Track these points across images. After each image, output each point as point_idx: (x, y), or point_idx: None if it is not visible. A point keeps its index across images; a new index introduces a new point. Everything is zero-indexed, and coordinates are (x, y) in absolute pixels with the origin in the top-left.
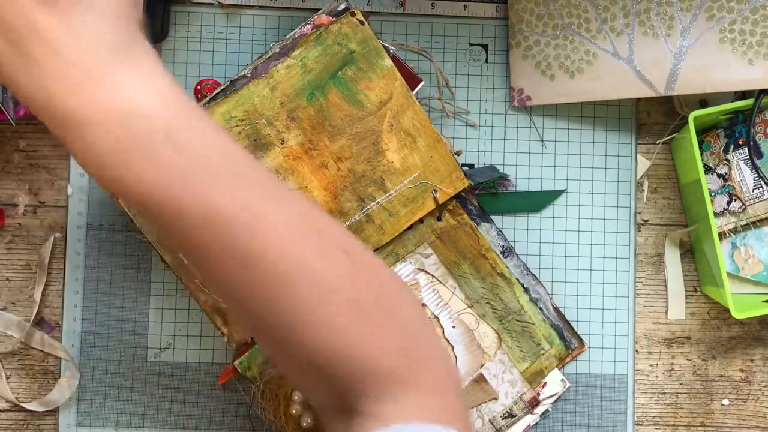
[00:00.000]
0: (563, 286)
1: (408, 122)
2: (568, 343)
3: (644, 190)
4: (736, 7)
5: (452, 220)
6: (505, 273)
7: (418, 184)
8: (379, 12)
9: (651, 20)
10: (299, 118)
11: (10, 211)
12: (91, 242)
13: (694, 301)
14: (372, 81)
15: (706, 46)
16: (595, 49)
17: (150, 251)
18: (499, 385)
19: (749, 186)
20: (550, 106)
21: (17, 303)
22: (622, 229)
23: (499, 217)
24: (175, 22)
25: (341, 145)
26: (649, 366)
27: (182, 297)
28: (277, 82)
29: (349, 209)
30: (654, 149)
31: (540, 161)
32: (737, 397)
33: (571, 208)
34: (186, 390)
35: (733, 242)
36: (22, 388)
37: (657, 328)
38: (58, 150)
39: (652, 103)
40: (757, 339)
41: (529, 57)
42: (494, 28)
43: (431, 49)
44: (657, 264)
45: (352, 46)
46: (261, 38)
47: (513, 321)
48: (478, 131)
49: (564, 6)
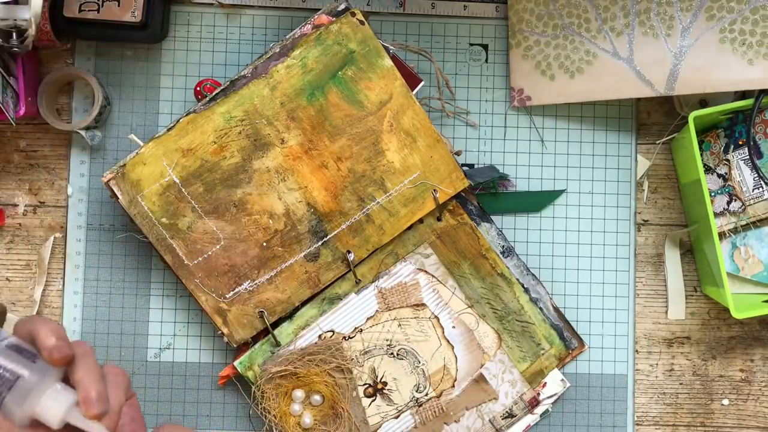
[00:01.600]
0: (563, 286)
1: (408, 122)
2: (568, 343)
3: (644, 190)
4: (736, 7)
5: (452, 220)
6: (505, 273)
7: (418, 184)
8: (379, 12)
9: (651, 20)
10: (299, 118)
11: (10, 211)
12: (91, 242)
13: (694, 301)
14: (372, 81)
15: (706, 46)
16: (595, 49)
17: (150, 251)
18: (499, 385)
19: (749, 186)
20: (550, 106)
21: (17, 303)
22: (622, 229)
23: (499, 217)
24: (175, 22)
25: (341, 145)
26: (649, 366)
27: (182, 297)
28: (277, 82)
29: (349, 209)
30: (654, 149)
31: (540, 161)
32: (737, 397)
33: (571, 208)
34: (186, 390)
35: (733, 242)
36: None
37: (657, 328)
38: (58, 150)
39: (652, 103)
40: (757, 339)
41: (529, 57)
42: (494, 28)
43: (431, 49)
44: (657, 264)
45: (352, 46)
46: (261, 38)
47: (513, 321)
48: (478, 131)
49: (564, 6)
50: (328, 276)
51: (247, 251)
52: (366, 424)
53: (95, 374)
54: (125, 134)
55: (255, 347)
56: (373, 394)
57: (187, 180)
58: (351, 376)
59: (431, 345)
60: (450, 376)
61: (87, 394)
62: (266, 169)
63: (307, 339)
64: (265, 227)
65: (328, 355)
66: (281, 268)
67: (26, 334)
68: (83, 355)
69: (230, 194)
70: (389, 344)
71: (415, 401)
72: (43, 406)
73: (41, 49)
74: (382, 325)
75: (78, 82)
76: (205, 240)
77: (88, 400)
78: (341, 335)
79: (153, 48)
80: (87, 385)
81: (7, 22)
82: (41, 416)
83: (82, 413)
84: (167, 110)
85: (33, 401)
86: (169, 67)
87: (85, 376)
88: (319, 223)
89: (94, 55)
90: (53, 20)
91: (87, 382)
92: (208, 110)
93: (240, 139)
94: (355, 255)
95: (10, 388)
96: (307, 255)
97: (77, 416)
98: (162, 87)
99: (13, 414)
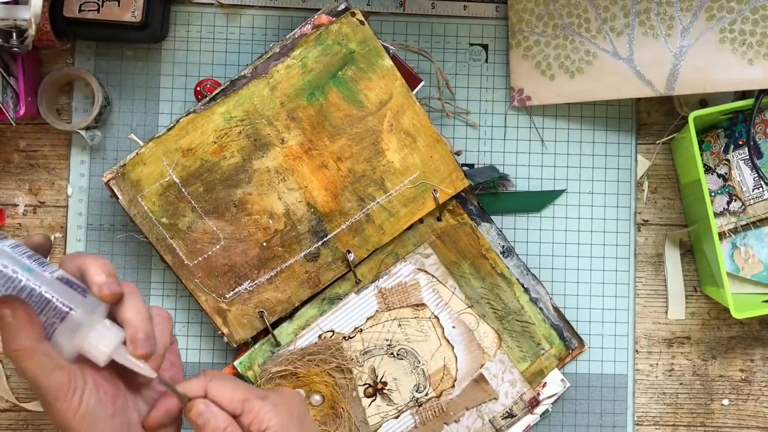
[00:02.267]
0: (563, 286)
1: (408, 122)
2: (568, 343)
3: (644, 190)
4: (736, 7)
5: (452, 220)
6: (505, 273)
7: (418, 184)
8: (379, 12)
9: (651, 20)
10: (299, 118)
11: (10, 211)
12: (91, 242)
13: (694, 301)
14: (372, 81)
15: (706, 46)
16: (595, 49)
17: (150, 251)
18: (499, 385)
19: (749, 186)
20: (550, 106)
21: None
22: (622, 229)
23: (499, 217)
24: (175, 22)
25: (341, 145)
26: (649, 366)
27: (182, 297)
28: (277, 82)
29: (349, 209)
30: (654, 149)
31: (540, 161)
32: (737, 397)
33: (571, 208)
34: None
35: (733, 242)
36: (22, 388)
37: (657, 328)
38: (58, 150)
39: (652, 103)
40: (757, 339)
41: (529, 57)
42: (494, 28)
43: (431, 49)
44: (657, 264)
45: (352, 46)
46: (261, 38)
47: (513, 321)
48: (478, 131)
49: (564, 6)
50: (328, 276)
51: (247, 251)
52: (366, 424)
53: (144, 314)
54: (125, 134)
55: (255, 347)
56: (373, 394)
57: (187, 180)
58: (351, 376)
59: (431, 345)
60: (450, 376)
61: (135, 333)
62: (266, 169)
63: (307, 339)
64: (265, 227)
65: (328, 355)
66: (281, 268)
67: (74, 269)
68: (131, 294)
69: (230, 194)
70: (389, 344)
71: (415, 401)
72: (92, 342)
73: (41, 49)
74: (382, 325)
75: (78, 82)
76: (205, 240)
77: (136, 339)
78: (341, 335)
79: (153, 48)
80: (136, 325)
81: (7, 22)
82: (89, 352)
83: (129, 352)
84: (167, 110)
85: (82, 336)
86: (169, 67)
87: (134, 315)
88: (319, 223)
89: (94, 55)
90: (53, 20)
91: (136, 321)
92: (208, 110)
93: (240, 139)
94: (355, 255)
95: (62, 320)
96: (307, 255)
97: (124, 354)
98: (162, 87)
99: (62, 346)
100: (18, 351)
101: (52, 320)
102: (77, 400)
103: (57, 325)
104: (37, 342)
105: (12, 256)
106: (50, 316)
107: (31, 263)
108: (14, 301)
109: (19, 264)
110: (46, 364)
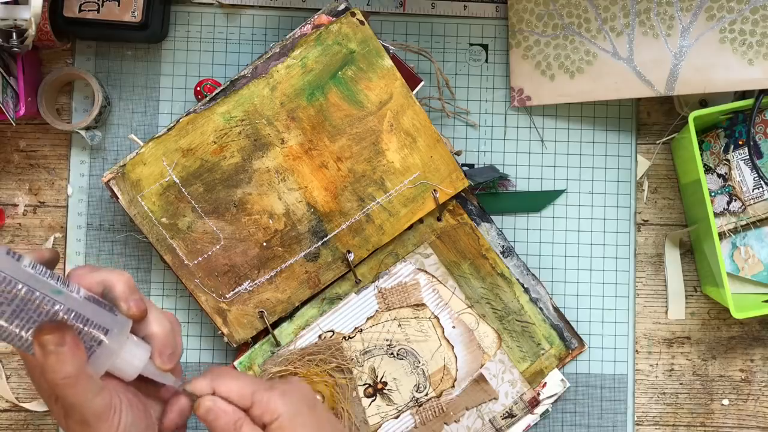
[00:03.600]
0: (563, 286)
1: (408, 122)
2: (568, 343)
3: (644, 190)
4: (736, 7)
5: (452, 220)
6: (505, 273)
7: (418, 184)
8: (379, 12)
9: (651, 20)
10: (299, 118)
11: (10, 211)
12: (91, 242)
13: (694, 301)
14: (372, 81)
15: (706, 46)
16: (595, 49)
17: (150, 251)
18: (499, 385)
19: (749, 186)
20: (550, 106)
21: None
22: (622, 229)
23: (499, 217)
24: (175, 22)
25: (341, 145)
26: (649, 366)
27: (182, 297)
28: (277, 82)
29: (349, 209)
30: (654, 149)
31: (540, 161)
32: (737, 397)
33: (571, 208)
34: None
35: (733, 242)
36: (22, 388)
37: (657, 328)
38: (58, 150)
39: (652, 103)
40: (757, 339)
41: (529, 57)
42: (494, 28)
43: (431, 49)
44: (657, 264)
45: (352, 46)
46: (261, 38)
47: (513, 321)
48: (478, 131)
49: (564, 6)
50: (328, 276)
51: (247, 251)
52: (366, 424)
53: (167, 327)
54: (125, 134)
55: (255, 347)
56: (373, 394)
57: (187, 180)
58: (351, 376)
59: (431, 345)
60: (450, 376)
61: (163, 348)
62: (266, 169)
63: (307, 339)
64: (265, 227)
65: (328, 355)
66: (281, 268)
67: (96, 285)
68: (151, 306)
69: (230, 194)
70: (389, 344)
71: (415, 401)
72: (123, 360)
73: (41, 49)
74: (382, 325)
75: (78, 82)
76: (205, 240)
77: (164, 354)
78: (341, 335)
79: (153, 48)
80: (163, 340)
81: (7, 22)
82: (120, 369)
83: (158, 366)
84: (167, 110)
85: (116, 356)
86: (169, 67)
87: (159, 330)
88: (319, 223)
89: (94, 55)
90: (53, 20)
91: (162, 335)
92: (208, 110)
93: (240, 139)
94: (355, 255)
95: (99, 343)
96: (307, 255)
97: (151, 369)
98: (162, 87)
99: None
100: (66, 379)
101: (90, 343)
102: (117, 418)
103: (95, 348)
104: (82, 368)
105: (36, 278)
106: (87, 339)
107: (57, 284)
108: (61, 328)
109: (48, 286)
110: (92, 389)
